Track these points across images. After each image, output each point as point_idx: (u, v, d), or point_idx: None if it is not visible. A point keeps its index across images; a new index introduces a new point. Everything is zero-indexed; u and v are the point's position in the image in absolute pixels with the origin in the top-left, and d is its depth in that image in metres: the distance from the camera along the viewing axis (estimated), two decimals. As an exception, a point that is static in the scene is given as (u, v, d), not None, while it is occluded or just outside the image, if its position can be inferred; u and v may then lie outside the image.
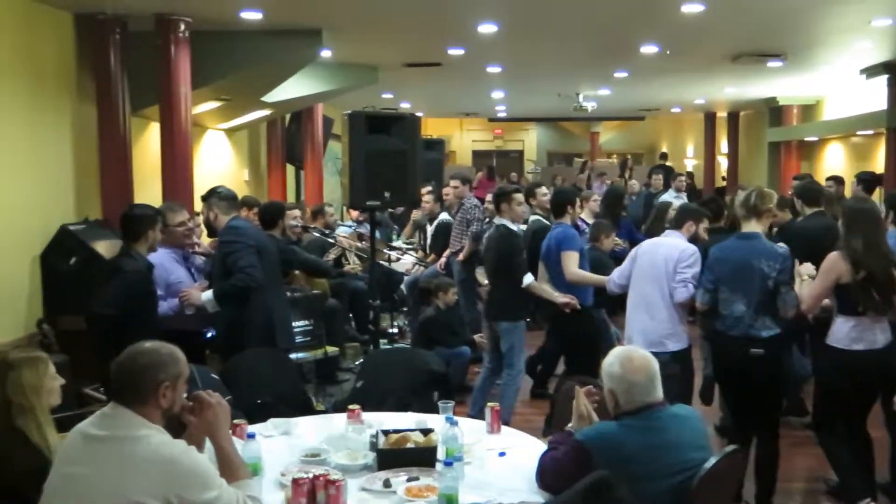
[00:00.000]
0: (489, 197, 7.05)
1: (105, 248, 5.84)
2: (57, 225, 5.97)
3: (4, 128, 5.56)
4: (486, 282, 5.95)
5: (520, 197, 5.72)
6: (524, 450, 3.35)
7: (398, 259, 8.60)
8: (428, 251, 8.45)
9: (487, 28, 7.66)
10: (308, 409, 4.51)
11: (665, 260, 4.64)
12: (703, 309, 4.52)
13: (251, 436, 3.18)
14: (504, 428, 3.67)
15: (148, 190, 6.88)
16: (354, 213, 9.62)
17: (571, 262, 5.48)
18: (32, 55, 5.85)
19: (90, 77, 6.51)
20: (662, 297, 4.62)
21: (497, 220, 5.71)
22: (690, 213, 4.97)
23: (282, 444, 3.47)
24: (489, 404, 3.72)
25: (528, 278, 5.50)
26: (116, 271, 4.57)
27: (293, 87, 8.93)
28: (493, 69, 10.74)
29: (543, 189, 7.52)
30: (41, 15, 5.98)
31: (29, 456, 2.81)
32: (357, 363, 6.99)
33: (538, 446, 3.33)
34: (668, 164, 17.48)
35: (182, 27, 6.53)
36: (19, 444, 2.85)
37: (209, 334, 5.46)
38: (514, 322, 5.55)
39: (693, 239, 4.82)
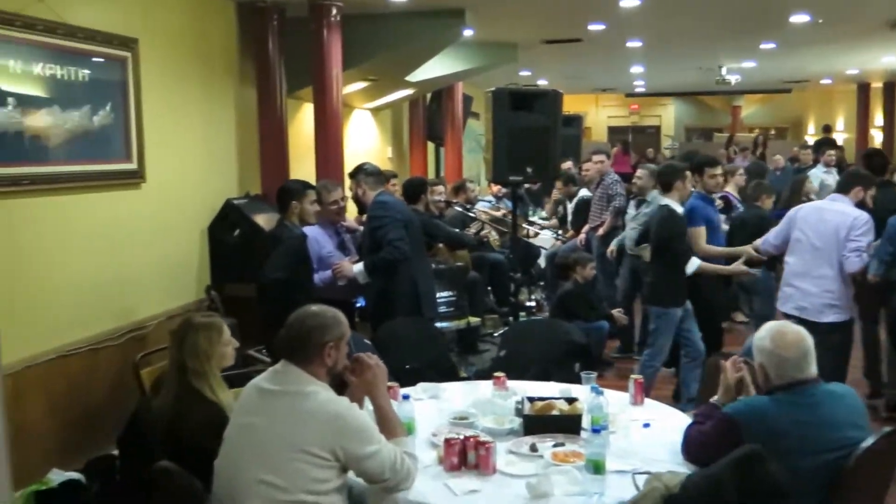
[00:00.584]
0: (639, 172, 6.97)
1: (264, 220, 6.10)
2: (222, 199, 6.26)
3: (181, 111, 5.87)
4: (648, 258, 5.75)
5: (691, 176, 5.48)
6: (667, 422, 3.35)
7: (537, 234, 8.68)
8: (569, 227, 8.49)
9: (630, 2, 7.50)
10: (453, 376, 4.61)
11: (835, 227, 4.39)
12: (875, 280, 4.30)
13: (405, 397, 3.29)
14: (647, 400, 3.67)
15: (302, 166, 7.10)
16: (494, 188, 9.70)
17: (699, 238, 5.39)
18: (203, 42, 6.17)
19: (251, 61, 6.78)
20: (830, 264, 4.37)
21: (662, 200, 5.44)
22: (860, 178, 4.68)
23: (431, 407, 3.57)
24: (633, 376, 3.71)
25: (693, 264, 5.24)
26: (276, 240, 4.86)
27: (435, 67, 8.99)
28: (634, 44, 10.47)
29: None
30: (209, 4, 6.29)
31: (205, 409, 3.01)
32: (497, 334, 7.09)
33: (681, 419, 3.34)
34: (831, 137, 16.61)
35: (334, 12, 6.70)
36: (196, 400, 3.05)
37: (359, 303, 5.75)
38: (664, 308, 5.32)
39: (859, 205, 4.55)
